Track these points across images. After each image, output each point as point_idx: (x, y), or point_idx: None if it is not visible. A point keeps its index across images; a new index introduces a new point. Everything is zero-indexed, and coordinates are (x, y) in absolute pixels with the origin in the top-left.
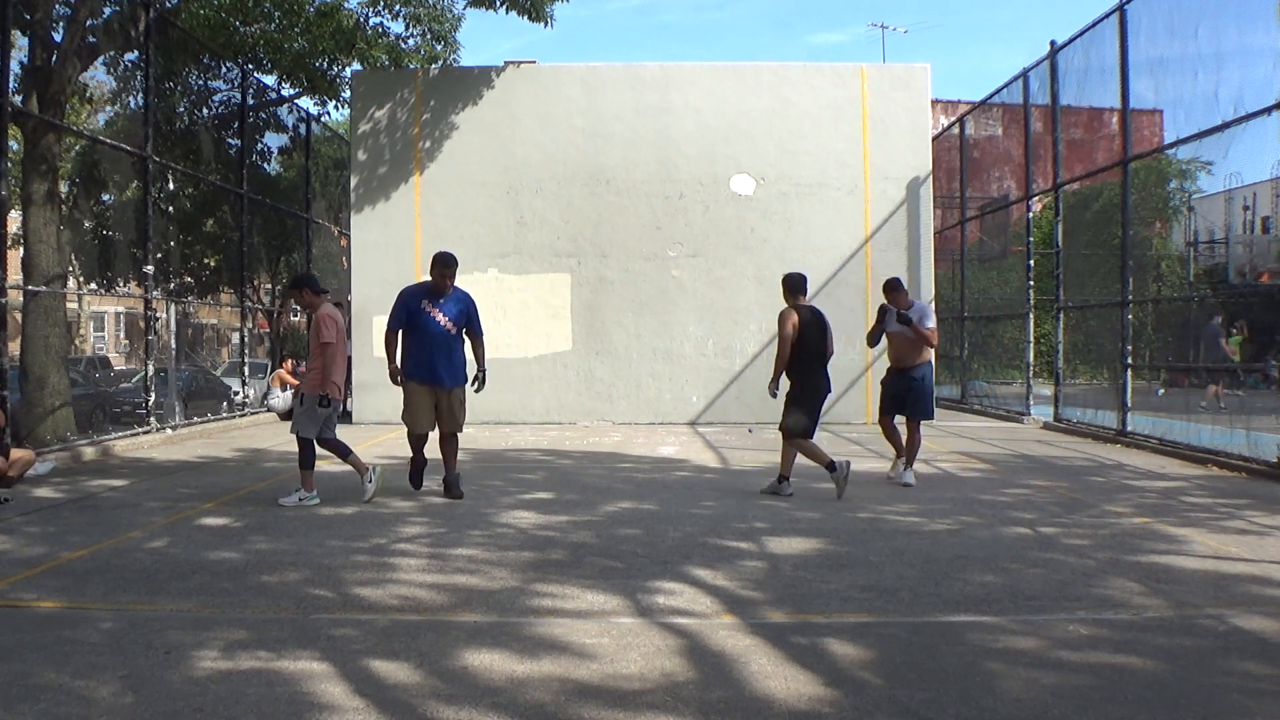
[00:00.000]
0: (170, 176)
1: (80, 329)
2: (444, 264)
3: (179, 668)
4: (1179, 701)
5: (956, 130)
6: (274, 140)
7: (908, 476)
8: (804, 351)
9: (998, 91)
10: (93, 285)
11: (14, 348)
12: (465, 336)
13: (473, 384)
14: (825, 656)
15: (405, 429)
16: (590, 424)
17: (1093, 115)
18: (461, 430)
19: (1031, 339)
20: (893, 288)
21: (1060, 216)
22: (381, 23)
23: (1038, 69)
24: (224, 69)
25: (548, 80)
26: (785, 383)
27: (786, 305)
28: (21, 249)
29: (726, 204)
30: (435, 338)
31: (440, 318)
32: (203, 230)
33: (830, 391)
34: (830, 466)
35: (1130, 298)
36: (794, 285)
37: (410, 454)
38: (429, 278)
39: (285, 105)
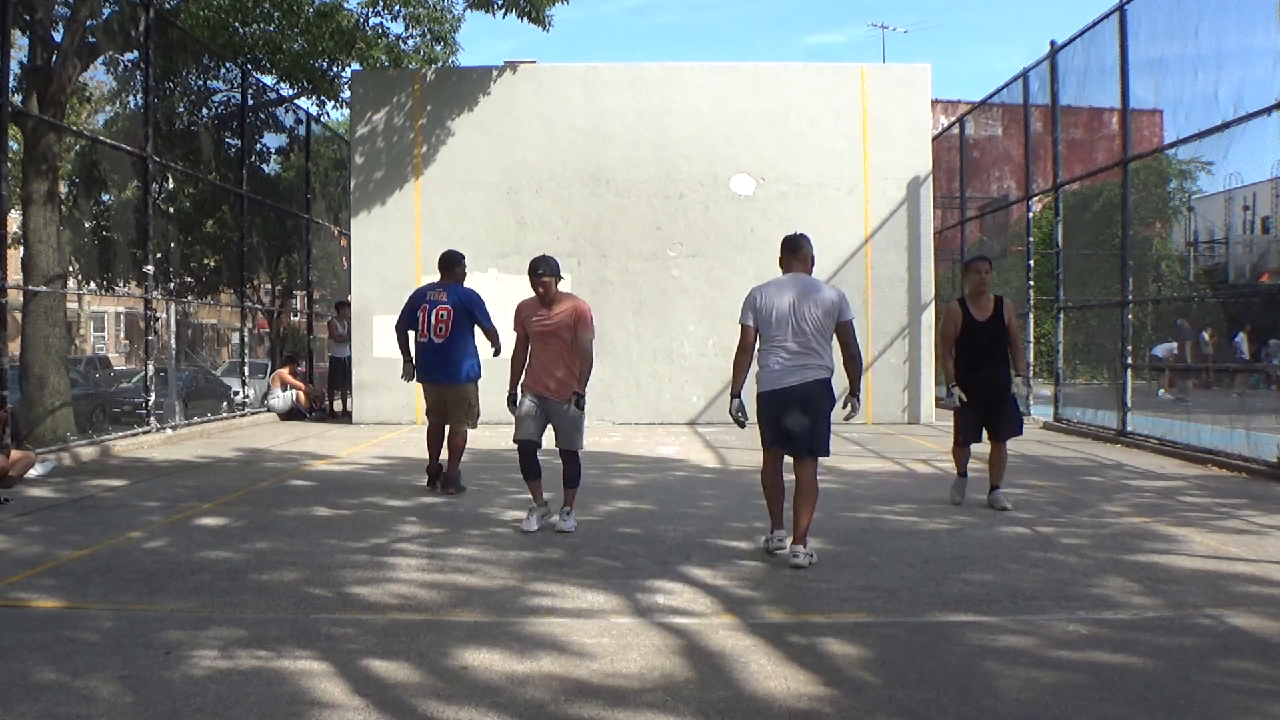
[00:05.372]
0: (170, 176)
1: (80, 329)
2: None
3: (179, 667)
4: (1178, 701)
5: (956, 130)
6: (274, 140)
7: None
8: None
9: (998, 91)
10: (92, 285)
11: (14, 348)
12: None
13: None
14: (825, 656)
15: (404, 428)
16: (589, 424)
17: (1093, 115)
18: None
19: (1031, 339)
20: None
21: (1060, 216)
22: (381, 23)
23: (1038, 69)
24: (224, 69)
25: (548, 80)
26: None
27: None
28: (21, 249)
29: (726, 204)
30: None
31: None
32: (203, 230)
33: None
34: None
35: (1130, 298)
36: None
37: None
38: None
39: (285, 105)
